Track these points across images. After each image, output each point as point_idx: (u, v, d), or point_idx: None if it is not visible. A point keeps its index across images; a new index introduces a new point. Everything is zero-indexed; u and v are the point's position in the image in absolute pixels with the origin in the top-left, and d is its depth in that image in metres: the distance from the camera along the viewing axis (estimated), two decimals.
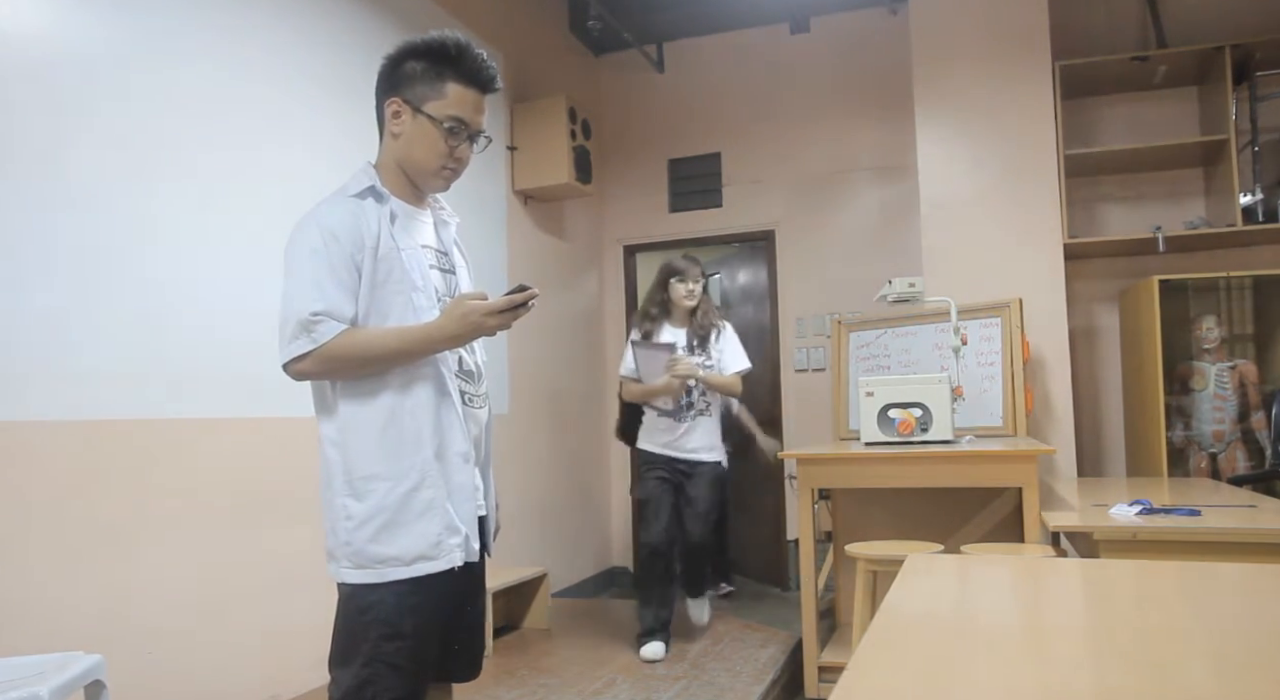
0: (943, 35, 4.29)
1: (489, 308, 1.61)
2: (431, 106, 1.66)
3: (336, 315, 1.56)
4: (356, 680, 1.59)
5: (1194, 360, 4.11)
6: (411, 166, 1.71)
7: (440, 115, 1.66)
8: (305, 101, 3.17)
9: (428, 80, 1.66)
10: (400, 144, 1.69)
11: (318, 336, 1.54)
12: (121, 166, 2.52)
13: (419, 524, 1.60)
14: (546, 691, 3.14)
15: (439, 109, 1.66)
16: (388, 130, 1.71)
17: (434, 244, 1.77)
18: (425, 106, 1.66)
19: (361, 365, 1.59)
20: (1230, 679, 1.01)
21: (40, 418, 2.28)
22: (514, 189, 4.66)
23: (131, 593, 2.46)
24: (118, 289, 2.49)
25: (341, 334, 1.56)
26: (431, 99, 1.66)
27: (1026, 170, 4.13)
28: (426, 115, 1.66)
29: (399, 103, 1.67)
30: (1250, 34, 4.10)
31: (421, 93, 1.66)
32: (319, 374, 1.60)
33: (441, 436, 1.65)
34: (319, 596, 1.71)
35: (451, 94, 1.67)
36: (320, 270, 1.57)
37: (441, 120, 1.66)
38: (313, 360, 1.56)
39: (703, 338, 3.63)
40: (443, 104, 1.66)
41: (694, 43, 5.55)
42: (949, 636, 1.25)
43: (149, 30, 2.63)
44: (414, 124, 1.67)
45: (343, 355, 1.57)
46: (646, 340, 3.61)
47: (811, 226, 5.26)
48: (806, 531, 3.41)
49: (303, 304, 1.56)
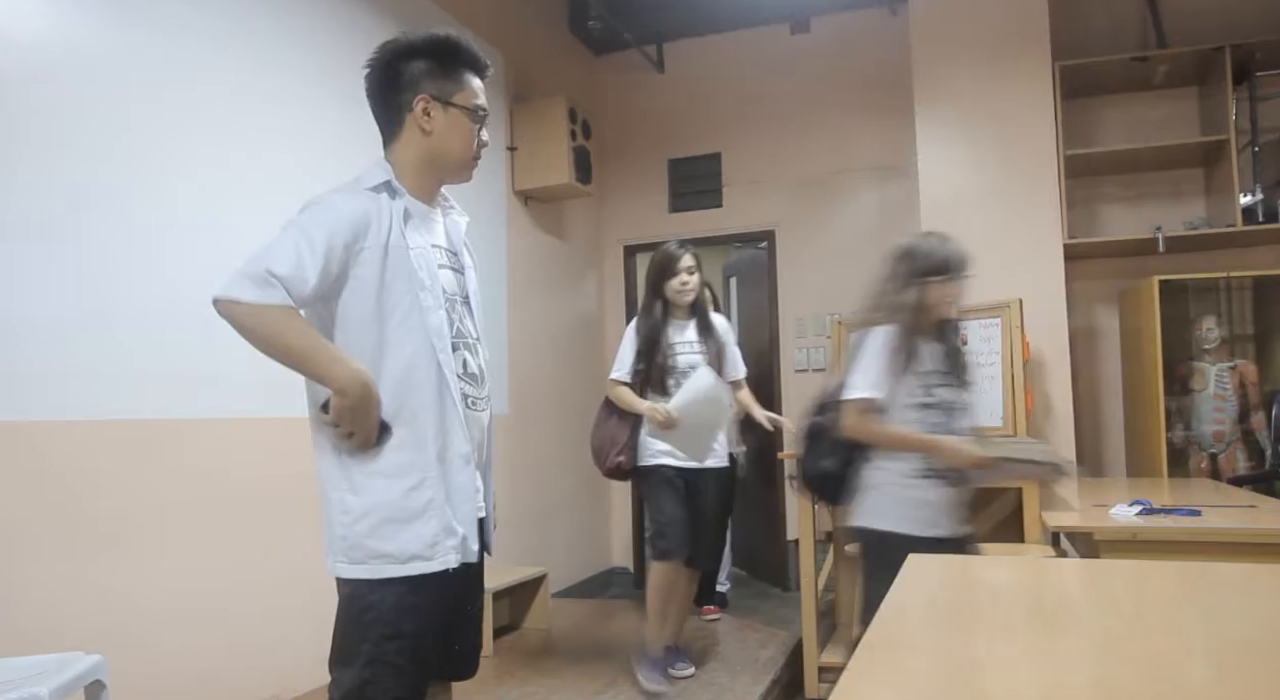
0: (943, 35, 4.29)
1: (366, 408, 1.55)
2: (459, 98, 1.70)
3: (294, 286, 1.51)
4: (357, 680, 1.59)
5: (1194, 360, 4.11)
6: (445, 159, 1.72)
7: (469, 105, 1.71)
8: (306, 102, 3.17)
9: (446, 74, 1.69)
10: (434, 140, 1.70)
11: (260, 296, 1.48)
12: (123, 168, 2.52)
13: (416, 523, 1.60)
14: (546, 691, 3.14)
15: (465, 99, 1.71)
16: (414, 127, 1.70)
17: (444, 243, 1.77)
18: (454, 99, 1.70)
19: (268, 346, 1.52)
20: (1230, 679, 1.01)
21: (40, 418, 2.29)
22: (514, 189, 4.65)
23: (131, 593, 2.46)
24: (118, 289, 2.49)
25: (281, 308, 1.50)
26: (456, 92, 1.70)
27: (1026, 170, 4.12)
28: (458, 107, 1.70)
29: (427, 99, 1.68)
30: (1250, 34, 4.10)
31: (445, 88, 1.69)
32: (238, 327, 1.51)
33: (444, 438, 1.65)
34: (319, 596, 1.71)
35: (470, 84, 1.72)
36: (305, 240, 1.53)
37: (473, 109, 1.71)
38: (242, 312, 1.50)
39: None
40: (467, 95, 1.71)
41: (694, 43, 5.55)
42: (949, 636, 1.25)
43: (152, 35, 2.63)
44: (445, 118, 1.70)
45: (263, 327, 1.50)
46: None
47: (811, 226, 5.26)
48: (806, 532, 3.41)
49: (272, 260, 1.50)
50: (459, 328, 1.73)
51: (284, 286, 1.50)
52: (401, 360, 1.62)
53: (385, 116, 1.73)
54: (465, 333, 1.75)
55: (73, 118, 2.40)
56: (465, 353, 1.74)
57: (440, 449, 1.64)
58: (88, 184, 2.43)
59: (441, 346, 1.65)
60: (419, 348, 1.63)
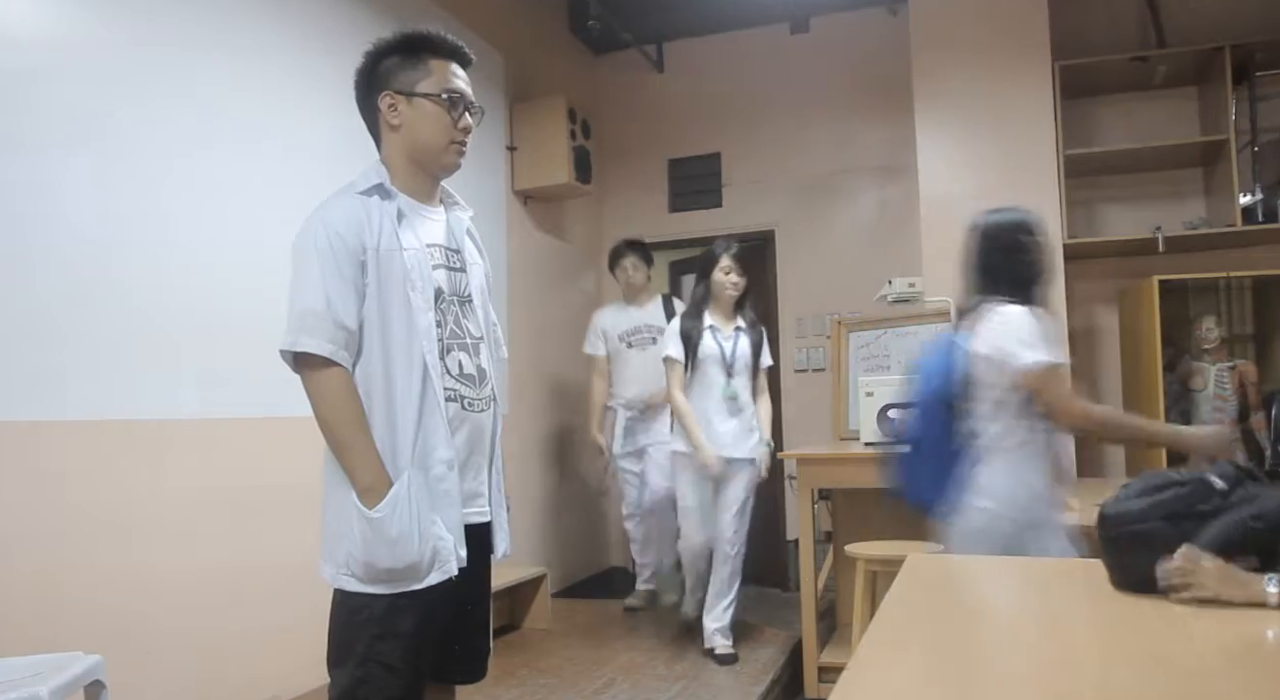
0: (943, 35, 4.29)
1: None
2: (423, 86, 1.69)
3: (337, 317, 1.58)
4: (351, 680, 1.59)
5: (1194, 360, 4.11)
6: (421, 151, 1.71)
7: (435, 91, 1.69)
8: (306, 103, 3.17)
9: (409, 66, 1.69)
10: (403, 134, 1.70)
11: (304, 342, 1.57)
12: (123, 167, 2.52)
13: (400, 544, 1.58)
14: (546, 691, 3.14)
15: (431, 86, 1.69)
16: (385, 126, 1.72)
17: (443, 242, 1.76)
18: (417, 88, 1.69)
19: (315, 408, 1.61)
20: (1230, 678, 1.01)
21: (40, 418, 2.28)
22: (514, 189, 4.65)
23: (131, 593, 2.46)
24: (118, 289, 2.49)
25: (332, 373, 1.58)
26: (420, 80, 1.69)
27: (1026, 170, 4.12)
28: (421, 95, 1.69)
29: (391, 95, 1.69)
30: (1250, 34, 4.09)
31: (408, 79, 1.69)
32: (299, 373, 1.63)
33: (424, 443, 1.63)
34: (319, 596, 1.71)
35: (437, 70, 1.70)
36: (323, 268, 1.58)
37: (439, 94, 1.69)
38: (295, 363, 1.61)
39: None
40: (432, 82, 1.70)
41: (694, 43, 5.54)
42: (949, 636, 1.25)
43: (152, 33, 2.62)
44: (411, 109, 1.69)
45: (314, 390, 1.60)
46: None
47: (811, 226, 5.26)
48: (806, 531, 3.41)
49: (305, 301, 1.58)
50: (453, 328, 1.72)
51: (328, 319, 1.58)
52: (389, 363, 1.63)
53: (369, 122, 1.76)
54: (462, 333, 1.74)
55: (71, 116, 2.40)
56: (461, 354, 1.72)
57: (421, 456, 1.63)
58: (87, 183, 2.43)
59: (429, 349, 1.64)
60: (405, 350, 1.63)
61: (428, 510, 1.62)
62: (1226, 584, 1.23)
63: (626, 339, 4.34)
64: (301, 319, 1.57)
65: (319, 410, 1.60)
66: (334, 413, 1.59)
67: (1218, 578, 1.24)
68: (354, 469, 1.59)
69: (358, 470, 1.58)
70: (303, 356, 1.58)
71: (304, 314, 1.57)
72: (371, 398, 1.62)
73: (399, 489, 1.58)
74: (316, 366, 1.58)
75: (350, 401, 1.60)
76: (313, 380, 1.59)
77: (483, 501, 1.77)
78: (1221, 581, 1.24)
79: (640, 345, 4.31)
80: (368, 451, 1.59)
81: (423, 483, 1.62)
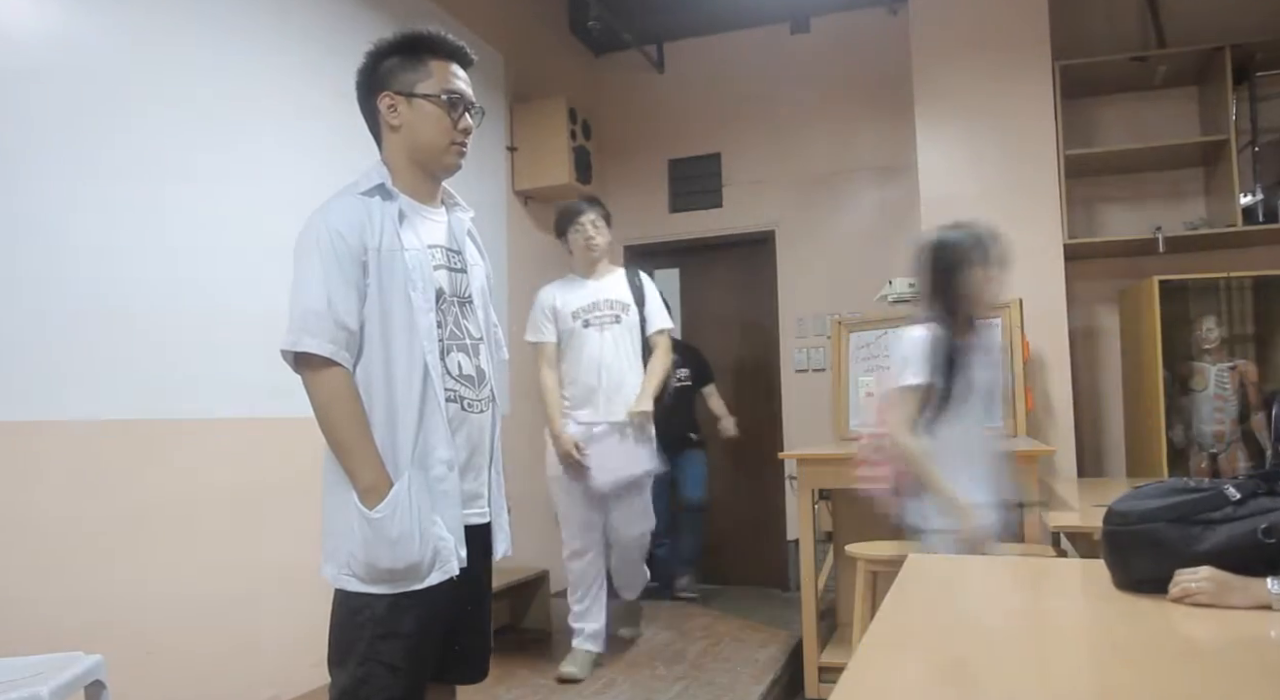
0: (943, 35, 4.29)
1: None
2: (423, 87, 1.69)
3: (338, 317, 1.58)
4: (352, 680, 1.59)
5: (1194, 360, 4.11)
6: (421, 151, 1.72)
7: (435, 91, 1.69)
8: (306, 103, 3.17)
9: (409, 67, 1.70)
10: (403, 134, 1.71)
11: (305, 342, 1.58)
12: (124, 168, 2.52)
13: (401, 545, 1.59)
14: (547, 691, 3.14)
15: (432, 87, 1.70)
16: (386, 127, 1.72)
17: (444, 242, 1.77)
18: (417, 89, 1.69)
19: (316, 408, 1.61)
20: (1230, 678, 1.01)
21: (40, 418, 2.28)
22: (514, 189, 4.65)
23: (131, 593, 2.46)
24: (118, 289, 2.49)
25: (333, 373, 1.59)
26: (420, 81, 1.69)
27: (1026, 170, 4.12)
28: (422, 96, 1.69)
29: (391, 96, 1.70)
30: (1250, 34, 4.09)
31: (407, 80, 1.69)
32: (299, 373, 1.64)
33: (424, 443, 1.64)
34: (319, 596, 1.71)
35: (436, 71, 1.71)
36: (325, 268, 1.59)
37: (438, 95, 1.69)
38: (296, 363, 1.62)
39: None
40: (432, 82, 1.70)
41: (694, 43, 5.54)
42: (949, 637, 1.25)
43: (152, 33, 2.63)
44: (411, 110, 1.69)
45: (315, 391, 1.60)
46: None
47: (811, 226, 5.26)
48: (806, 532, 3.41)
49: (306, 301, 1.58)
50: (453, 329, 1.72)
51: (329, 318, 1.59)
52: (389, 363, 1.63)
53: (369, 123, 1.76)
54: (462, 334, 1.74)
55: (71, 116, 2.40)
56: (460, 354, 1.73)
57: (421, 456, 1.63)
58: (86, 183, 2.43)
59: (430, 349, 1.64)
60: (406, 350, 1.63)
61: (428, 510, 1.62)
62: (1229, 592, 1.23)
63: (583, 316, 3.47)
64: (303, 319, 1.58)
65: (319, 410, 1.60)
66: (334, 413, 1.59)
67: (1219, 586, 1.24)
68: (354, 469, 1.59)
69: (358, 470, 1.59)
70: (304, 356, 1.58)
71: (305, 314, 1.58)
72: (372, 398, 1.62)
73: (399, 489, 1.58)
74: (317, 366, 1.58)
75: (351, 401, 1.60)
76: (313, 380, 1.59)
77: (483, 502, 1.77)
78: (1223, 589, 1.24)
79: (600, 324, 3.47)
80: (368, 452, 1.59)
81: (423, 483, 1.62)
